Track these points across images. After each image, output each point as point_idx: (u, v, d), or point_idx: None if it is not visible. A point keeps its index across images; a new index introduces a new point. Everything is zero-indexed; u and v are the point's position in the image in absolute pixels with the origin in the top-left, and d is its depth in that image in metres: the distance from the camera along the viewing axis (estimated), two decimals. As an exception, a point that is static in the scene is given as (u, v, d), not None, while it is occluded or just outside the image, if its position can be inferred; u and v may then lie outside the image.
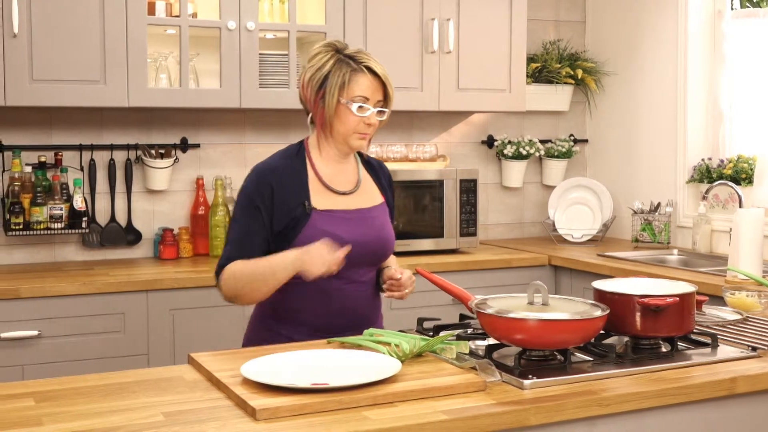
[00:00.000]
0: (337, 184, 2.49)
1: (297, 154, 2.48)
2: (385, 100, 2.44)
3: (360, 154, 2.59)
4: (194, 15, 3.90)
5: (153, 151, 4.04)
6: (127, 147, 4.04)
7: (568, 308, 2.15)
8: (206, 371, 2.05)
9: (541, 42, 4.92)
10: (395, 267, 2.53)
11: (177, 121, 4.14)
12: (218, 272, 2.43)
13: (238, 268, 2.37)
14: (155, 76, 3.92)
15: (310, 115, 2.47)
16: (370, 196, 2.55)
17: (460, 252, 4.25)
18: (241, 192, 2.45)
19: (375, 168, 2.62)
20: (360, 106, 2.39)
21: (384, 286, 2.51)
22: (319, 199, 2.44)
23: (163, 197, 4.14)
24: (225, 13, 3.81)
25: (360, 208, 2.49)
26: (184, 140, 4.15)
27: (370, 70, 2.39)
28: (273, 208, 2.39)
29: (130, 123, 4.06)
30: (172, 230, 4.04)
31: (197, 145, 4.18)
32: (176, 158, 4.09)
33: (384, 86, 2.42)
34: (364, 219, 2.47)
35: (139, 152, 4.04)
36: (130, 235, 4.05)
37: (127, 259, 4.03)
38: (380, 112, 2.44)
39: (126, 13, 3.64)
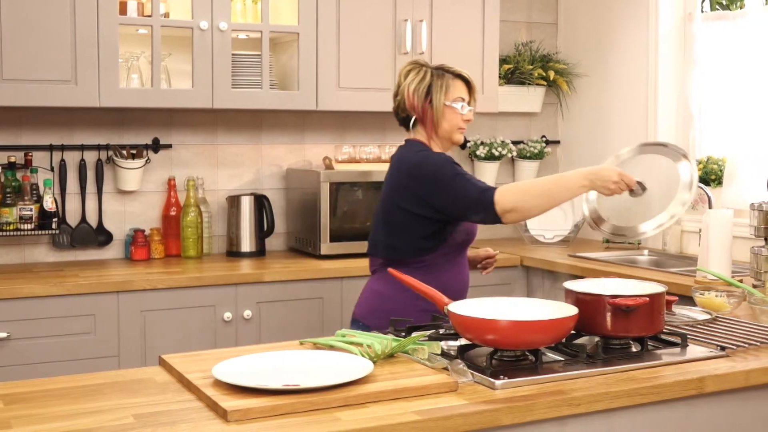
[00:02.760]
0: None
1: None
2: (471, 99, 2.87)
3: None
4: (166, 15, 3.89)
5: (124, 152, 4.02)
6: (98, 147, 4.01)
7: None
8: (177, 373, 2.04)
9: (513, 43, 4.94)
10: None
11: (149, 121, 4.12)
12: (485, 190, 2.62)
13: (517, 184, 2.67)
14: (127, 76, 3.90)
15: (413, 118, 2.85)
16: None
17: (432, 253, 4.25)
18: (438, 162, 2.72)
19: None
20: (462, 105, 2.82)
21: (479, 265, 3.05)
22: None
23: (134, 198, 4.11)
24: (197, 13, 3.79)
25: None
26: (155, 140, 4.13)
27: (461, 76, 2.85)
28: None
29: (101, 123, 4.04)
30: (143, 231, 4.02)
31: (169, 146, 4.16)
32: (148, 159, 4.07)
33: (469, 88, 2.86)
34: None
35: (110, 153, 4.02)
36: (100, 236, 4.02)
37: (97, 260, 4.01)
38: (470, 110, 2.86)
39: (97, 13, 3.62)
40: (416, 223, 2.75)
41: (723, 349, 2.28)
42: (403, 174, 2.77)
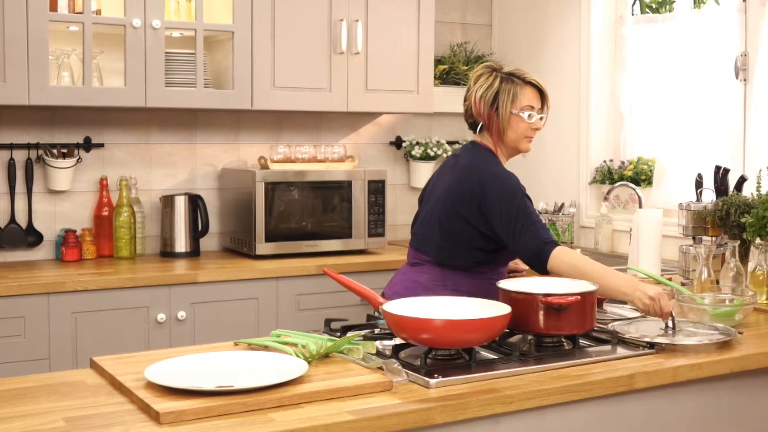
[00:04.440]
0: None
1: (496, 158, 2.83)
2: (543, 107, 2.85)
3: None
4: (98, 12, 3.83)
5: (55, 151, 3.95)
6: (28, 146, 3.94)
7: None
8: (109, 375, 2.02)
9: (448, 44, 4.97)
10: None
11: (80, 120, 4.06)
12: (548, 243, 2.60)
13: (574, 257, 2.58)
14: (57, 74, 3.83)
15: (480, 125, 2.83)
16: None
17: (368, 252, 4.26)
18: (511, 186, 2.71)
19: None
20: (529, 114, 2.79)
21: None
22: None
23: (65, 198, 4.05)
24: (130, 10, 3.74)
25: None
26: (87, 139, 4.06)
27: (532, 84, 2.81)
28: None
29: (31, 122, 3.96)
30: (74, 231, 3.95)
31: (101, 145, 4.10)
32: (79, 158, 4.01)
33: (542, 96, 2.83)
34: None
35: (41, 152, 3.95)
36: (30, 237, 3.94)
37: (27, 262, 3.93)
38: (541, 118, 2.84)
39: (27, 9, 3.55)
40: (474, 234, 2.73)
41: (652, 346, 2.32)
42: (474, 184, 2.72)
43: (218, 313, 3.73)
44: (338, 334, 2.40)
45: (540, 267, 2.60)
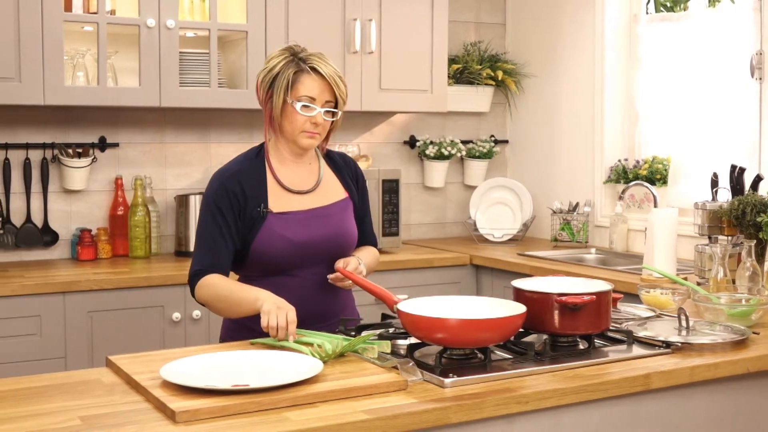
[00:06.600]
0: (294, 184, 2.55)
1: (257, 157, 2.55)
2: (336, 101, 2.49)
3: (326, 151, 2.67)
4: (112, 12, 3.84)
5: (70, 150, 3.96)
6: (44, 146, 3.95)
7: None
8: (125, 374, 2.02)
9: (462, 43, 4.96)
10: (348, 258, 2.53)
11: (95, 119, 4.07)
12: (194, 276, 2.49)
13: (215, 283, 2.44)
14: (72, 74, 3.84)
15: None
16: (331, 193, 2.61)
17: (382, 252, 4.25)
18: (205, 197, 2.51)
19: (338, 164, 2.68)
20: (305, 106, 2.44)
21: (330, 277, 2.52)
22: (276, 201, 2.50)
23: (80, 197, 4.06)
24: (144, 10, 3.75)
25: (317, 207, 2.55)
26: (102, 139, 4.08)
27: (315, 70, 2.44)
28: (234, 212, 2.47)
29: (46, 121, 3.98)
30: (90, 231, 3.97)
31: (116, 144, 4.11)
32: (94, 157, 4.02)
33: (337, 86, 2.47)
34: (320, 218, 2.53)
35: (56, 151, 3.97)
36: (46, 236, 3.96)
37: (43, 261, 3.95)
38: (329, 113, 2.49)
39: (42, 9, 3.57)
40: None
41: (668, 346, 2.31)
42: None
43: (233, 313, 3.73)
44: (353, 333, 2.40)
45: (192, 294, 2.51)
